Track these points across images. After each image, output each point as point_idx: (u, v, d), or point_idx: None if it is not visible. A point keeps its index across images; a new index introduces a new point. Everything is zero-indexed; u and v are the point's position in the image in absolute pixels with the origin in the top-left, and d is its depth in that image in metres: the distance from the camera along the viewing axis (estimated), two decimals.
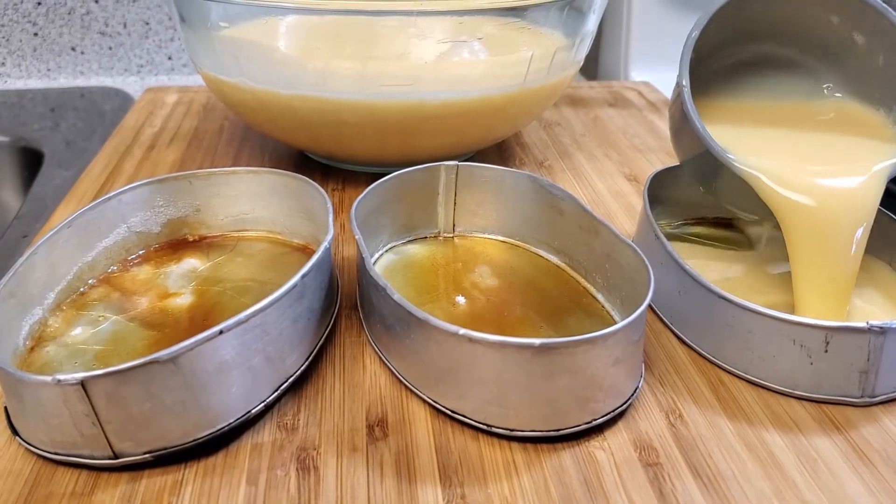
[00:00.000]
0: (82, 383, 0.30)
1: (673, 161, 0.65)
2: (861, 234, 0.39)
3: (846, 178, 0.40)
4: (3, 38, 0.89)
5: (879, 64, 0.42)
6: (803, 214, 0.40)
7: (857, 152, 0.42)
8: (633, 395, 0.37)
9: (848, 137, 0.43)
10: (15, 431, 0.35)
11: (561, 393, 0.34)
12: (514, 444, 0.35)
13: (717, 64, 0.46)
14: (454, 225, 0.50)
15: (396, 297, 0.36)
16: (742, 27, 0.44)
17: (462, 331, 0.33)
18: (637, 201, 0.58)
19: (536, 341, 0.32)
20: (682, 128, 0.41)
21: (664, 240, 0.43)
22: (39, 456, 0.34)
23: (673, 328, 0.43)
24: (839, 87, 0.45)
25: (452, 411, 0.36)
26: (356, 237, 0.41)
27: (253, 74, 0.53)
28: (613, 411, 0.36)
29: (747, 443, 0.35)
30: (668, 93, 0.82)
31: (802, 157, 0.41)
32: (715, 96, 0.45)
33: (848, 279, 0.40)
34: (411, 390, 0.38)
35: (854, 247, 0.39)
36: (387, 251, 0.48)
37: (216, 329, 0.32)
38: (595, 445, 0.35)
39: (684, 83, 0.40)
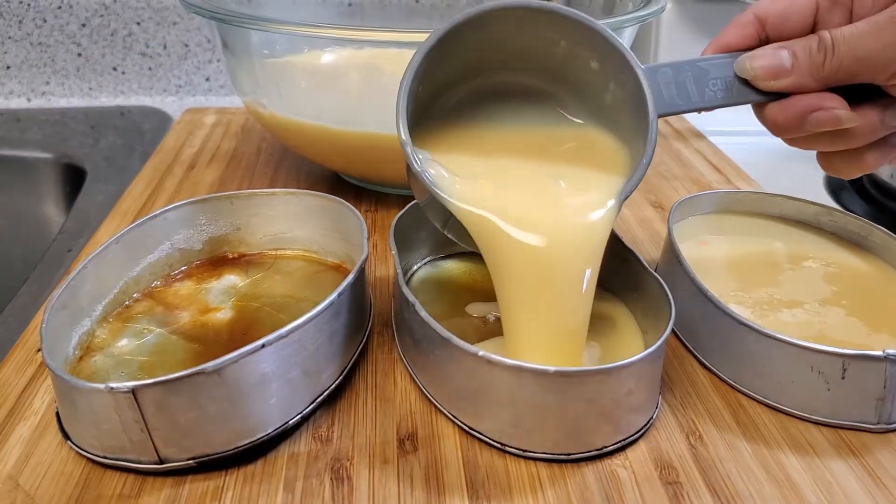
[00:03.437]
0: (133, 391, 0.32)
1: (698, 189, 0.66)
2: (591, 274, 0.37)
3: (576, 216, 0.39)
4: (49, 58, 0.92)
5: (611, 88, 0.40)
6: (531, 256, 0.37)
7: (590, 186, 0.40)
8: (646, 424, 0.38)
9: (584, 169, 0.40)
10: (66, 436, 0.37)
11: (574, 419, 0.35)
12: (539, 461, 0.36)
13: (451, 100, 0.43)
14: None
15: (423, 314, 0.38)
16: (469, 60, 0.41)
17: (481, 352, 0.35)
18: (661, 227, 0.60)
19: (551, 368, 0.34)
20: (411, 177, 0.40)
21: (688, 266, 0.44)
22: (89, 459, 0.36)
23: (695, 352, 0.44)
24: (580, 114, 0.42)
25: (471, 428, 0.38)
26: (392, 252, 0.43)
27: (291, 102, 0.55)
28: (625, 439, 0.37)
29: (765, 465, 0.36)
30: (694, 121, 0.84)
31: (534, 194, 0.39)
32: (451, 125, 0.42)
33: (581, 324, 0.38)
34: (436, 406, 0.39)
35: (585, 286, 0.37)
36: (424, 264, 0.50)
37: (259, 343, 0.34)
38: (617, 464, 0.36)
39: (404, 138, 0.37)
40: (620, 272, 0.45)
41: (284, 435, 0.37)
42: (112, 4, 0.91)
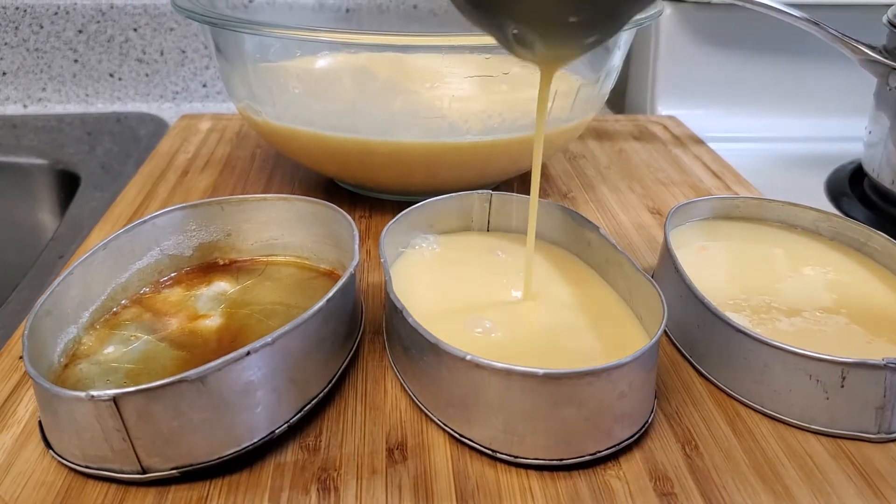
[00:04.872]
0: (115, 399, 0.31)
1: (697, 195, 0.65)
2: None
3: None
4: (45, 64, 0.92)
5: None
6: None
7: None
8: (640, 430, 0.38)
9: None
10: (48, 445, 0.36)
11: (566, 422, 0.35)
12: (531, 471, 0.36)
13: None
14: None
15: (411, 319, 0.37)
16: None
17: (469, 356, 0.34)
18: (659, 234, 0.59)
19: (540, 371, 0.33)
20: None
21: (684, 273, 0.43)
22: (71, 469, 0.35)
23: (692, 360, 0.43)
24: None
25: (461, 435, 0.37)
26: (382, 260, 0.42)
27: (285, 108, 0.54)
28: (618, 444, 0.36)
29: (762, 476, 0.36)
30: (694, 127, 0.83)
31: None
32: None
33: None
34: (426, 414, 0.39)
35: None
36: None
37: (243, 350, 0.33)
38: (611, 474, 0.36)
39: None
40: (615, 276, 0.45)
41: (271, 444, 0.37)
42: (109, 11, 0.90)
